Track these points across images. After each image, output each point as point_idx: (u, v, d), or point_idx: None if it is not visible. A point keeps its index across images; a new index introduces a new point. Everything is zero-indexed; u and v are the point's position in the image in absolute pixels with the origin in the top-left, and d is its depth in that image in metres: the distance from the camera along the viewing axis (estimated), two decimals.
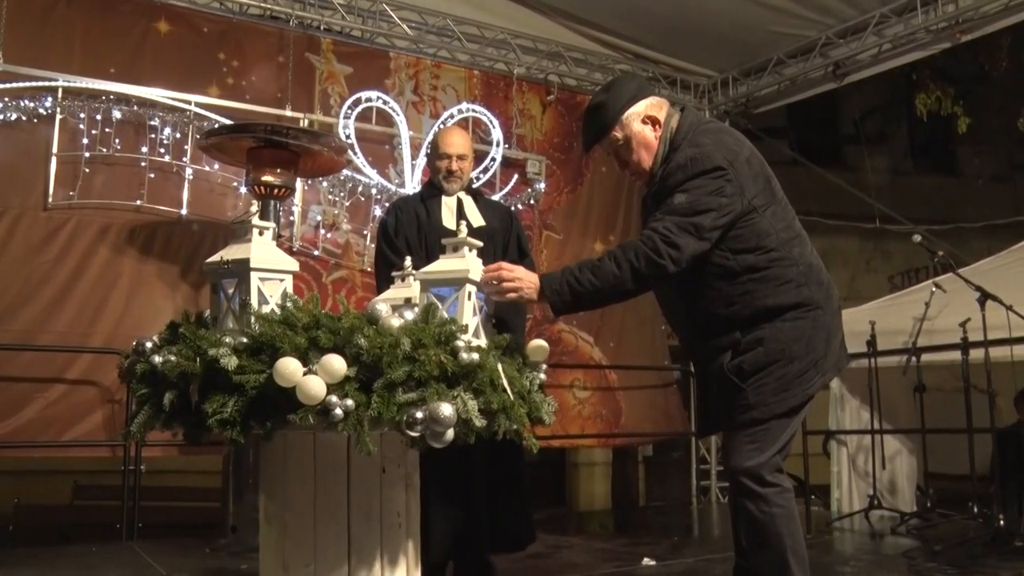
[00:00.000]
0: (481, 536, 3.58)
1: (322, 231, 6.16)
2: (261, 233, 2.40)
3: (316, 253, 6.11)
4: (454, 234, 2.49)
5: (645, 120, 2.82)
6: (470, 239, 2.51)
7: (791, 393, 2.72)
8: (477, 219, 3.87)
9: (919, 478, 6.53)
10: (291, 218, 6.04)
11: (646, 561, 4.56)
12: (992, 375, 5.16)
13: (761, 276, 2.72)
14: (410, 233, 3.85)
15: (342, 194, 6.23)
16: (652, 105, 2.84)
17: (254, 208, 2.43)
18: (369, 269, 6.13)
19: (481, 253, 2.61)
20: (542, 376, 2.52)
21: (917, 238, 5.55)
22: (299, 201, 6.04)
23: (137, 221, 5.53)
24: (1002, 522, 4.93)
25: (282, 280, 2.41)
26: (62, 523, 6.27)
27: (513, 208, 6.86)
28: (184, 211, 5.66)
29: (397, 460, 2.46)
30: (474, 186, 6.60)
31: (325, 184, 6.16)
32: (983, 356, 5.14)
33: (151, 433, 2.36)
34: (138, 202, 5.51)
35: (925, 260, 7.02)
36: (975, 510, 5.29)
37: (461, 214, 3.88)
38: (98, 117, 5.43)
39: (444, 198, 3.94)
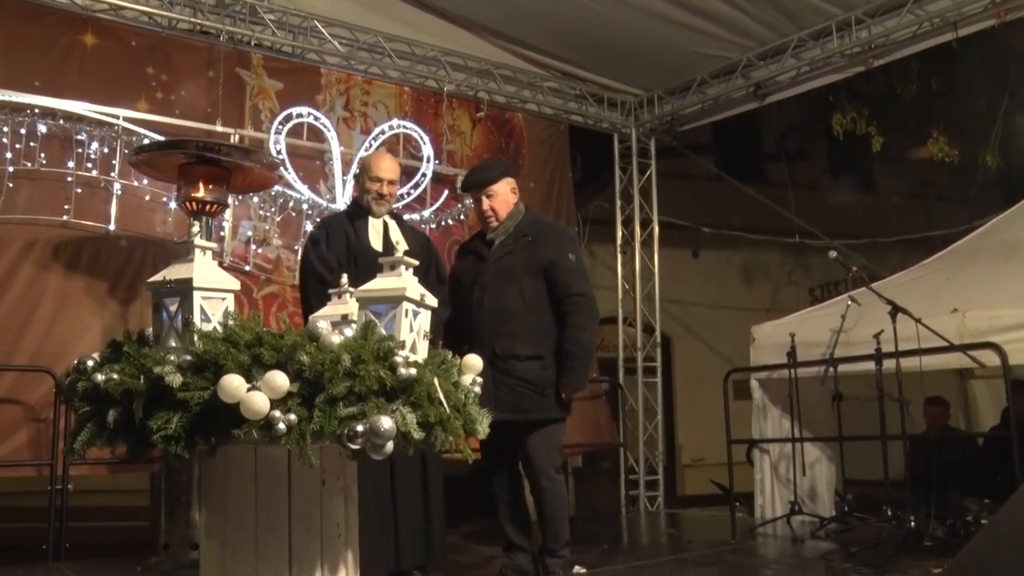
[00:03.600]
0: (409, 550, 3.75)
1: (253, 246, 6.18)
2: (204, 253, 2.46)
3: (247, 268, 6.11)
4: (380, 255, 2.61)
5: (513, 190, 4.27)
6: (407, 258, 2.61)
7: None
8: (401, 244, 4.04)
9: (838, 484, 6.79)
10: (222, 233, 6.04)
11: (577, 569, 4.68)
12: (903, 384, 5.44)
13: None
14: (340, 251, 3.99)
15: (273, 209, 6.26)
16: (515, 184, 4.32)
17: (196, 228, 2.49)
18: None
19: None
20: (477, 389, 2.63)
21: (833, 254, 5.81)
22: (230, 216, 6.04)
23: (63, 237, 5.46)
24: (913, 524, 5.19)
25: (223, 299, 2.47)
26: None
27: (443, 224, 7.00)
28: (112, 227, 5.61)
29: (336, 472, 2.54)
30: (404, 202, 6.78)
31: (256, 199, 6.19)
32: (895, 366, 5.41)
33: None
34: (64, 217, 5.45)
35: (843, 274, 7.33)
36: (889, 513, 5.55)
37: (387, 237, 4.10)
38: (22, 131, 5.36)
39: (372, 220, 4.13)
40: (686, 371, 11.29)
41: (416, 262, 2.70)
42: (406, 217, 6.73)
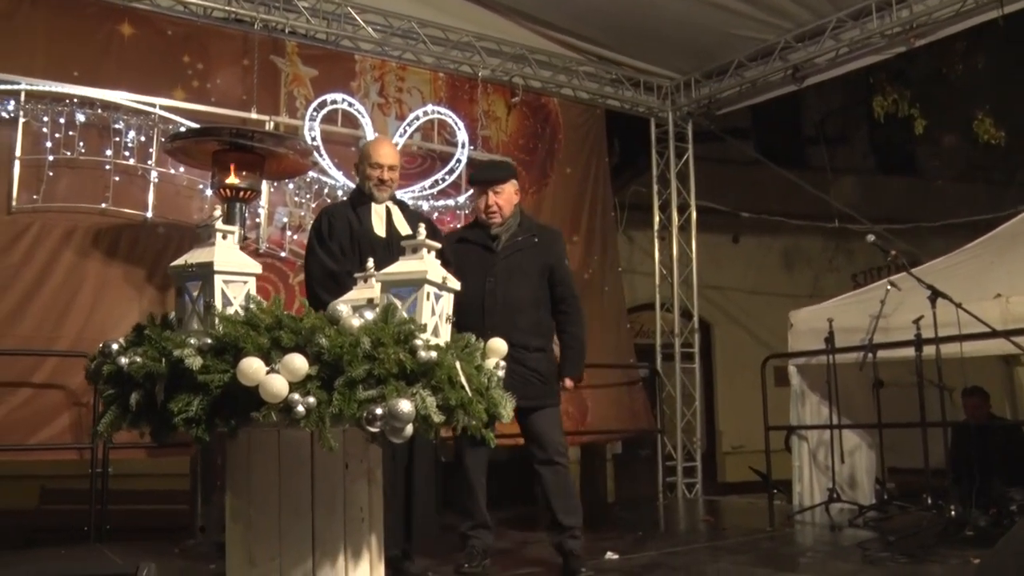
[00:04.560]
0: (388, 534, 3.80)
1: (288, 232, 6.21)
2: (225, 237, 2.47)
3: (283, 255, 6.15)
4: (385, 241, 2.59)
5: (516, 191, 4.49)
6: (429, 241, 2.60)
7: None
8: (404, 228, 4.09)
9: (878, 472, 6.68)
10: (257, 220, 6.08)
11: (609, 555, 4.66)
12: (945, 371, 5.32)
13: None
14: (343, 239, 4.03)
15: (308, 196, 6.28)
16: (518, 187, 4.56)
17: (217, 212, 2.50)
18: None
19: None
20: (500, 373, 2.61)
21: (871, 238, 5.70)
22: (265, 203, 6.08)
23: (102, 224, 5.54)
24: (954, 513, 5.08)
25: (245, 282, 2.48)
26: (29, 528, 6.25)
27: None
28: (149, 214, 5.67)
29: (359, 456, 2.53)
30: (440, 187, 6.77)
31: (291, 186, 6.22)
32: (935, 352, 5.29)
33: (120, 435, 2.44)
34: (103, 205, 5.52)
35: (885, 259, 7.19)
36: (929, 502, 5.44)
37: (390, 222, 4.12)
38: (62, 120, 5.44)
39: (374, 206, 4.14)
40: (726, 357, 11.21)
41: (439, 245, 2.69)
42: (440, 203, 6.81)
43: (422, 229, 2.65)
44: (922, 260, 6.93)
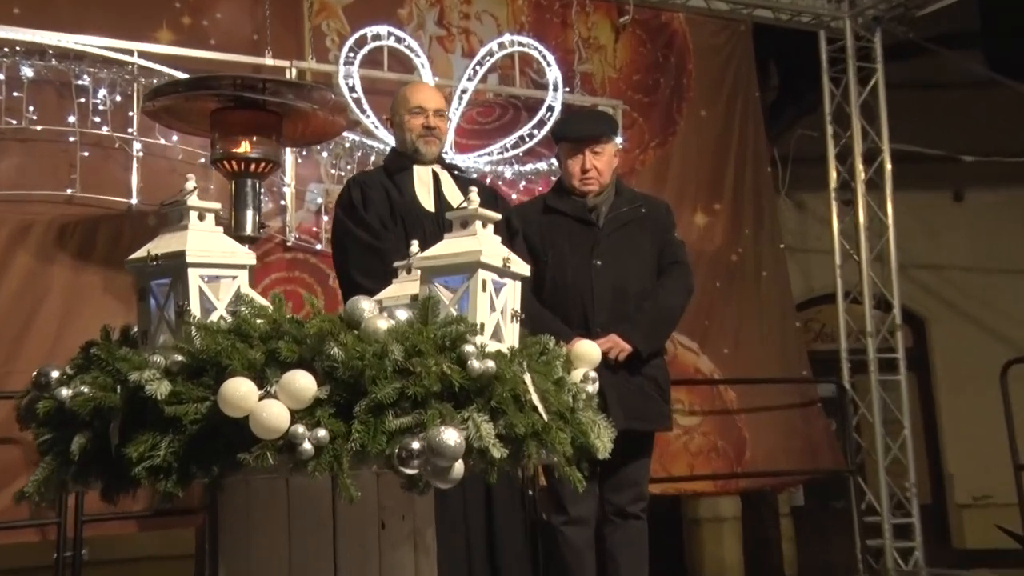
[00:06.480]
0: None
1: (325, 218, 6.24)
2: (202, 217, 2.48)
3: (319, 247, 6.21)
4: (434, 216, 2.59)
5: (616, 154, 4.86)
6: (484, 211, 2.57)
7: None
8: (458, 198, 4.14)
9: None
10: (282, 202, 6.16)
11: None
12: None
13: None
14: (382, 212, 4.13)
15: (349, 166, 6.33)
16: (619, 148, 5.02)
17: (190, 184, 2.50)
18: None
19: None
20: (590, 388, 2.57)
21: None
22: (291, 179, 6.16)
23: (69, 216, 5.63)
24: None
25: (234, 277, 2.48)
26: None
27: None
28: (135, 200, 5.75)
29: (401, 511, 2.53)
30: (527, 145, 6.74)
31: (325, 154, 6.29)
32: None
33: (98, 503, 2.45)
34: (69, 191, 5.61)
35: None
36: None
37: (439, 191, 4.23)
38: (1, 76, 5.49)
39: (417, 171, 4.30)
40: (950, 366, 10.91)
41: (498, 216, 2.66)
42: (529, 167, 6.79)
43: (474, 195, 2.62)
44: None
